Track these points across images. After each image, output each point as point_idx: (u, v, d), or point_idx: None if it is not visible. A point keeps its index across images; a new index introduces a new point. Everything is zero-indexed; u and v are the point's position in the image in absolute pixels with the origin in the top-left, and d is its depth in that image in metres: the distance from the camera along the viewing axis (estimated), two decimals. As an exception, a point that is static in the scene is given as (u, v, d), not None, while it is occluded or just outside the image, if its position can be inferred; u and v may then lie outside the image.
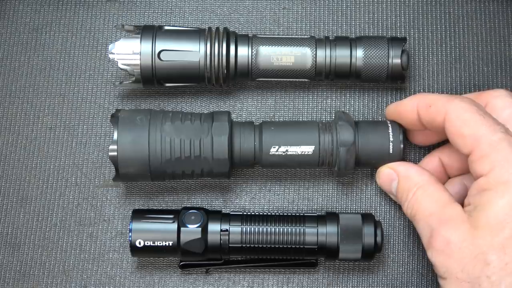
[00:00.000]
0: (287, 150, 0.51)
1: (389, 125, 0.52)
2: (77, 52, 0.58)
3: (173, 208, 0.54)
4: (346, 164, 0.51)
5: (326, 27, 0.58)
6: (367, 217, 0.51)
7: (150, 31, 0.53)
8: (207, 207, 0.55)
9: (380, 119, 0.56)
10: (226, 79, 0.53)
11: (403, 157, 0.52)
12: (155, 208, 0.55)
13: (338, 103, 0.57)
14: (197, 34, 0.53)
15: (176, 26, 0.54)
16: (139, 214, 0.51)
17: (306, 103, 0.57)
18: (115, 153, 0.49)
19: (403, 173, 0.50)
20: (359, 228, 0.51)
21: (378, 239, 0.51)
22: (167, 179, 0.52)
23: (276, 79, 0.54)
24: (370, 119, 0.56)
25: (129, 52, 0.52)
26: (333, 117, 0.54)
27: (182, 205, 0.54)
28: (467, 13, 0.58)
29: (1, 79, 0.58)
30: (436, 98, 0.48)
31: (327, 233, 0.51)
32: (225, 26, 0.55)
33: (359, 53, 0.53)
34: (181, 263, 0.54)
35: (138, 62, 0.52)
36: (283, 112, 0.57)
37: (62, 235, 0.55)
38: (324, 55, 0.53)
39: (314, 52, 0.53)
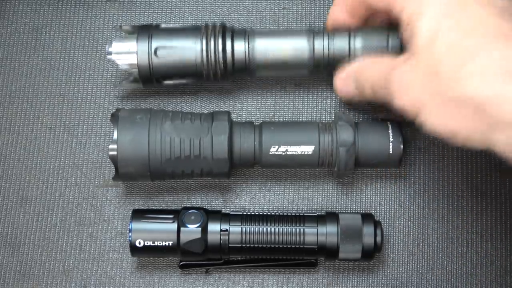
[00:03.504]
0: (287, 150, 0.51)
1: (389, 125, 0.52)
2: (77, 52, 0.58)
3: (173, 208, 0.54)
4: (346, 164, 0.51)
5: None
6: (367, 217, 0.51)
7: (146, 30, 0.52)
8: (207, 207, 0.55)
9: (380, 119, 0.56)
10: (224, 75, 0.53)
11: (403, 157, 0.52)
12: (155, 208, 0.55)
13: (338, 103, 0.57)
14: (193, 30, 0.52)
15: (174, 25, 0.54)
16: (139, 214, 0.51)
17: (306, 103, 0.57)
18: (115, 153, 0.49)
19: (352, 69, 0.51)
20: (359, 228, 0.51)
21: (378, 239, 0.51)
22: (167, 178, 0.52)
23: (275, 73, 0.54)
24: (370, 119, 0.56)
25: (125, 51, 0.52)
26: (333, 117, 0.54)
27: (182, 205, 0.54)
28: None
29: (1, 79, 0.58)
30: None
31: (327, 233, 0.51)
32: (222, 22, 0.55)
33: (358, 43, 0.51)
34: (181, 263, 0.54)
35: (135, 61, 0.52)
36: (283, 112, 0.57)
37: (62, 235, 0.55)
38: (322, 46, 0.52)
39: (312, 44, 0.52)
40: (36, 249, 0.55)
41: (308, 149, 0.51)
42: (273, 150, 0.51)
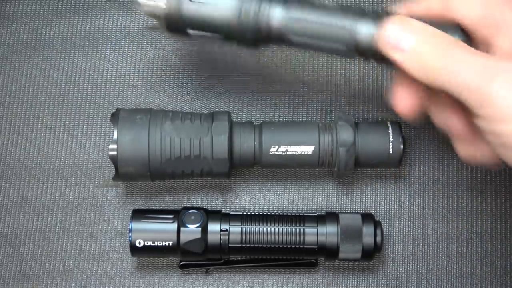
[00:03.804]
0: (287, 150, 0.51)
1: (389, 125, 0.52)
2: (77, 52, 0.58)
3: (173, 208, 0.54)
4: (346, 164, 0.51)
5: (326, 27, 0.58)
6: (367, 217, 0.51)
7: None
8: (207, 207, 0.55)
9: (380, 119, 0.56)
10: (255, 40, 0.47)
11: (403, 157, 0.52)
12: (155, 208, 0.55)
13: (338, 103, 0.57)
14: None
15: None
16: (139, 214, 0.51)
17: (306, 103, 0.57)
18: (115, 153, 0.49)
19: (429, 29, 0.41)
20: (359, 228, 0.51)
21: (378, 239, 0.51)
22: (166, 178, 0.52)
23: (310, 46, 0.47)
24: (370, 119, 0.56)
25: None
26: (333, 117, 0.54)
27: (182, 205, 0.54)
28: (467, 13, 0.58)
29: (1, 79, 0.58)
30: None
31: (327, 233, 0.51)
32: None
33: None
34: (181, 263, 0.54)
35: (164, 6, 0.47)
36: (283, 112, 0.57)
37: (62, 235, 0.55)
38: (364, 31, 0.45)
39: (355, 23, 0.45)
40: (36, 249, 0.55)
41: (308, 149, 0.51)
42: (273, 150, 0.51)
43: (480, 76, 0.38)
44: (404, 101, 0.45)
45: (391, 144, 0.51)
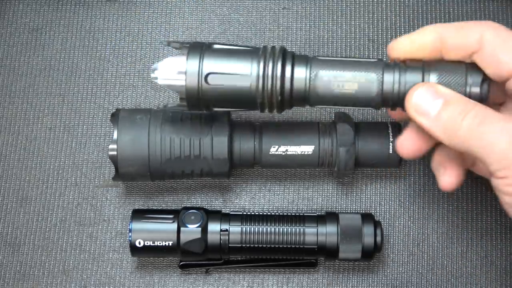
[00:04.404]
0: (286, 150, 0.51)
1: (389, 125, 0.52)
2: (77, 52, 0.58)
3: (173, 208, 0.54)
4: (346, 164, 0.51)
5: (326, 27, 0.58)
6: (367, 217, 0.51)
7: (197, 50, 0.46)
8: (207, 207, 0.55)
9: (380, 119, 0.56)
10: (280, 105, 0.46)
11: (402, 158, 0.52)
12: (155, 208, 0.55)
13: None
14: (249, 54, 0.46)
15: (227, 45, 0.47)
16: (139, 214, 0.51)
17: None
18: (115, 153, 0.49)
19: (453, 95, 0.43)
20: (358, 228, 0.51)
21: (378, 239, 0.51)
22: (166, 178, 0.52)
23: (338, 105, 0.46)
24: (370, 120, 0.56)
25: (174, 72, 0.46)
26: (333, 117, 0.54)
27: (182, 205, 0.54)
28: (467, 13, 0.58)
29: (1, 79, 0.58)
30: (464, 22, 0.45)
31: (327, 233, 0.51)
32: (282, 45, 0.48)
33: (432, 78, 0.44)
34: (181, 263, 0.54)
35: (183, 83, 0.45)
36: (283, 112, 0.57)
37: (62, 235, 0.55)
38: (392, 81, 0.44)
39: (381, 78, 0.44)
40: (36, 249, 0.55)
41: (308, 149, 0.51)
42: (273, 150, 0.51)
43: (507, 140, 0.40)
44: (410, 147, 0.47)
45: (391, 144, 0.51)
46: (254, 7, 0.59)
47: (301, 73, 0.45)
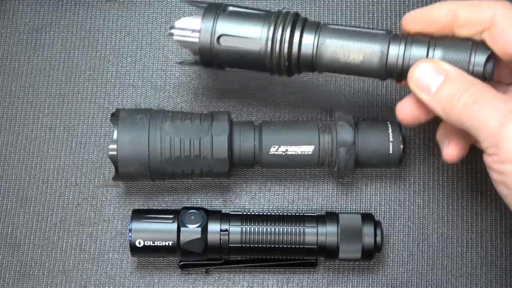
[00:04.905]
0: (286, 150, 0.51)
1: (389, 125, 0.52)
2: (77, 52, 0.58)
3: (173, 208, 0.54)
4: (346, 164, 0.51)
5: (326, 27, 0.58)
6: (366, 217, 0.51)
7: (213, 12, 0.48)
8: (207, 207, 0.55)
9: (380, 119, 0.56)
10: (288, 70, 0.48)
11: (403, 157, 0.52)
12: (155, 208, 0.55)
13: (338, 103, 0.57)
14: (261, 18, 0.47)
15: (242, 8, 0.49)
16: (139, 214, 0.51)
17: (306, 103, 0.57)
18: (115, 152, 0.49)
19: (454, 72, 0.44)
20: (358, 228, 0.51)
21: (378, 239, 0.51)
22: (166, 178, 0.52)
23: (342, 73, 0.48)
24: (370, 119, 0.56)
25: (189, 30, 0.48)
26: (333, 117, 0.54)
27: (182, 205, 0.54)
28: (467, 13, 0.58)
29: (1, 79, 0.58)
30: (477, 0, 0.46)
31: (327, 233, 0.51)
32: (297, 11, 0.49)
33: (437, 54, 0.45)
34: (181, 263, 0.54)
35: (196, 41, 0.48)
36: (283, 112, 0.57)
37: (62, 235, 0.55)
38: (397, 54, 0.45)
39: (386, 51, 0.46)
40: (36, 249, 0.55)
41: (308, 149, 0.51)
42: (273, 150, 0.51)
43: (498, 119, 0.41)
44: (409, 114, 0.47)
45: (391, 144, 0.51)
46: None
47: (309, 40, 0.46)
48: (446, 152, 0.48)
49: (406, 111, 0.47)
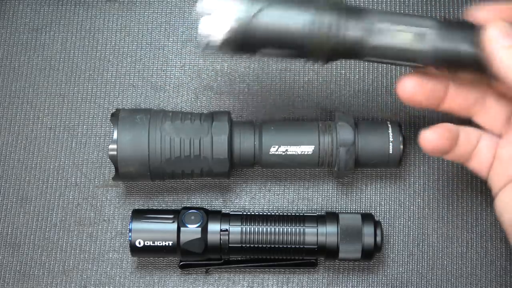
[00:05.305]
0: (286, 150, 0.51)
1: (389, 125, 0.52)
2: (77, 52, 0.58)
3: (173, 208, 0.54)
4: (346, 164, 0.51)
5: (326, 27, 0.58)
6: (366, 217, 0.51)
7: None
8: (207, 207, 0.55)
9: (380, 119, 0.56)
10: (329, 54, 0.44)
11: (403, 157, 0.52)
12: (155, 208, 0.55)
13: (338, 103, 0.57)
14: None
15: None
16: (139, 214, 0.51)
17: (306, 103, 0.57)
18: (115, 152, 0.49)
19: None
20: (358, 228, 0.51)
21: (378, 239, 0.51)
22: (166, 178, 0.52)
23: (387, 61, 0.45)
24: (370, 119, 0.56)
25: (220, 8, 0.42)
26: (333, 117, 0.54)
27: (182, 205, 0.54)
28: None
29: (1, 79, 0.58)
30: None
31: (327, 233, 0.51)
32: None
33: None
34: (181, 263, 0.54)
35: (230, 21, 0.42)
36: (283, 112, 0.57)
37: (62, 235, 0.55)
38: (443, 40, 0.44)
39: (434, 35, 0.44)
40: (36, 249, 0.55)
41: (308, 149, 0.51)
42: (273, 150, 0.51)
43: None
44: (413, 89, 0.46)
45: (391, 144, 0.51)
46: (254, 7, 0.59)
47: (356, 22, 0.43)
48: (424, 137, 0.46)
49: (409, 86, 0.46)
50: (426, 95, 0.46)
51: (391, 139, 0.51)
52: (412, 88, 0.46)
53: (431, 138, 0.46)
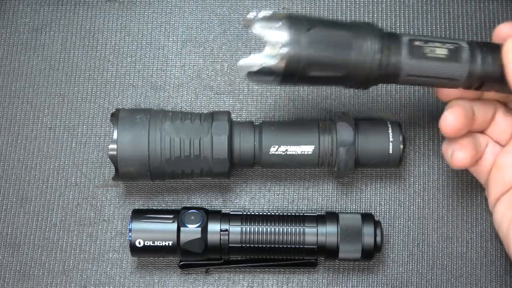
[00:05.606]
0: (286, 150, 0.51)
1: (389, 125, 0.52)
2: (77, 52, 0.58)
3: (173, 208, 0.54)
4: (346, 164, 0.51)
5: (326, 27, 0.58)
6: (366, 217, 0.51)
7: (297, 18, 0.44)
8: (207, 207, 0.55)
9: (380, 119, 0.56)
10: (374, 80, 0.45)
11: (403, 157, 0.52)
12: (155, 208, 0.55)
13: (338, 103, 0.57)
14: (349, 30, 0.44)
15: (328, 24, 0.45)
16: (139, 214, 0.51)
17: (306, 103, 0.57)
18: (115, 153, 0.49)
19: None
20: (358, 228, 0.51)
21: (378, 239, 0.51)
22: (166, 178, 0.52)
23: (426, 78, 0.46)
24: (370, 119, 0.56)
25: (275, 21, 0.43)
26: (333, 117, 0.54)
27: (182, 205, 0.54)
28: (467, 13, 0.58)
29: (1, 79, 0.58)
30: None
31: (327, 233, 0.51)
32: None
33: None
34: (181, 263, 0.54)
35: (286, 35, 0.42)
36: (283, 112, 0.57)
37: (62, 235, 0.55)
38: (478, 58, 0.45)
39: (468, 53, 0.45)
40: (36, 249, 0.55)
41: (308, 149, 0.51)
42: (273, 150, 0.51)
43: None
44: (454, 123, 0.47)
45: (391, 144, 0.51)
46: (254, 7, 0.59)
47: (397, 46, 0.44)
48: (456, 156, 0.48)
49: (451, 121, 0.47)
50: (468, 124, 0.48)
51: (391, 139, 0.51)
52: (455, 120, 0.47)
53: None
